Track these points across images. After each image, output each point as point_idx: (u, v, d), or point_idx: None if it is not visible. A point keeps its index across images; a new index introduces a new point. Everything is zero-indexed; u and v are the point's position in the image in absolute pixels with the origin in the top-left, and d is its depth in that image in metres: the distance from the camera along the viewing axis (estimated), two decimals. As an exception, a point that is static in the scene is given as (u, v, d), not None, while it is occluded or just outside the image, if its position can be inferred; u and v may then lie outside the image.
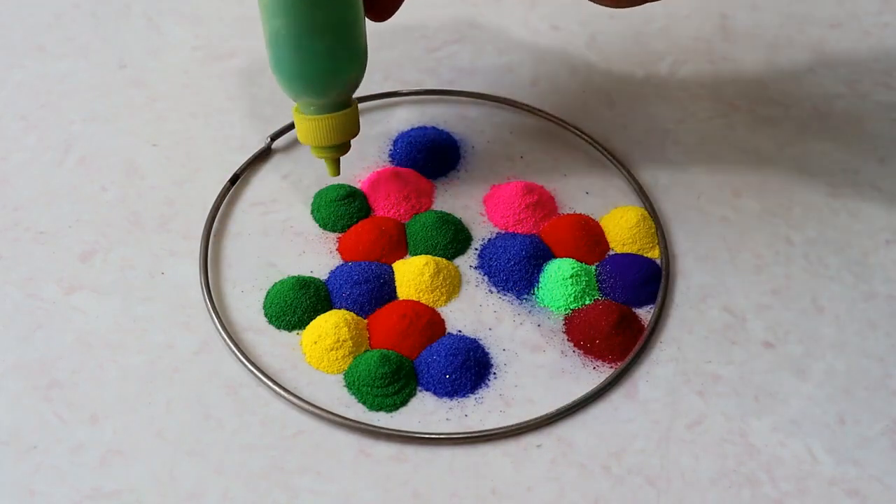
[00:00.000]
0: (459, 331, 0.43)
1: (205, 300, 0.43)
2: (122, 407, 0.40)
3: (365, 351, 0.42)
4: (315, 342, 0.41)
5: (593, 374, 0.42)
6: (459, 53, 0.54)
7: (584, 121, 0.51)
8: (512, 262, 0.44)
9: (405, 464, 0.39)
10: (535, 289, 0.44)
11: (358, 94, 0.51)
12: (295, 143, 0.49)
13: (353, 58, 0.42)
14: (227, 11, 0.56)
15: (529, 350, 0.42)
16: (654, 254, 0.46)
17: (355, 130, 0.44)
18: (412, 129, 0.50)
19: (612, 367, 0.42)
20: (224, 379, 0.41)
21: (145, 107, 0.51)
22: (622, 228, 0.46)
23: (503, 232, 0.46)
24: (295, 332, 0.43)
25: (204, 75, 0.53)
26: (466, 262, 0.45)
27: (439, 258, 0.45)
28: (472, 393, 0.41)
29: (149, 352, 0.42)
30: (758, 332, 0.43)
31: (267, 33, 0.41)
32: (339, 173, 0.45)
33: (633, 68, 0.54)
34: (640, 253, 0.46)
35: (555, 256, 0.45)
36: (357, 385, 0.41)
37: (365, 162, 0.49)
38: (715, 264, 0.46)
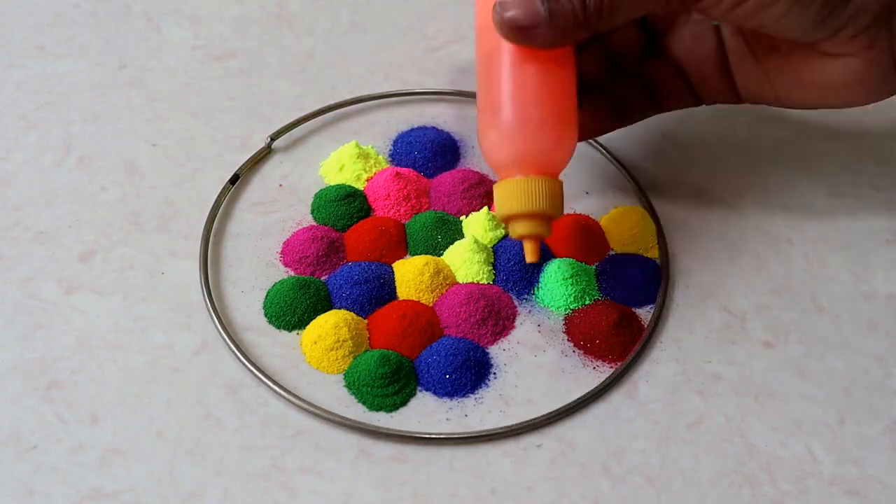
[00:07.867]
0: (459, 331, 0.43)
1: (205, 300, 0.43)
2: (122, 407, 0.40)
3: (365, 351, 0.42)
4: (315, 342, 0.41)
5: (593, 374, 0.42)
6: (459, 53, 0.54)
7: (584, 121, 0.51)
8: (512, 262, 0.44)
9: (405, 464, 0.39)
10: (535, 289, 0.44)
11: (358, 94, 0.52)
12: (295, 143, 0.49)
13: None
14: (227, 11, 0.56)
15: (529, 350, 0.42)
16: (654, 254, 0.46)
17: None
18: (412, 129, 0.50)
19: (612, 367, 0.42)
20: (224, 379, 0.41)
21: (145, 107, 0.51)
22: (622, 228, 0.46)
23: (503, 232, 0.46)
24: (295, 332, 0.43)
25: (204, 75, 0.53)
26: (466, 262, 0.45)
27: (439, 258, 0.45)
28: (472, 393, 0.41)
29: (149, 352, 0.42)
30: (758, 332, 0.43)
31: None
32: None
33: (633, 68, 0.54)
34: (640, 253, 0.46)
35: (555, 256, 0.45)
36: (357, 385, 0.41)
37: (365, 162, 0.49)
38: (715, 264, 0.45)
